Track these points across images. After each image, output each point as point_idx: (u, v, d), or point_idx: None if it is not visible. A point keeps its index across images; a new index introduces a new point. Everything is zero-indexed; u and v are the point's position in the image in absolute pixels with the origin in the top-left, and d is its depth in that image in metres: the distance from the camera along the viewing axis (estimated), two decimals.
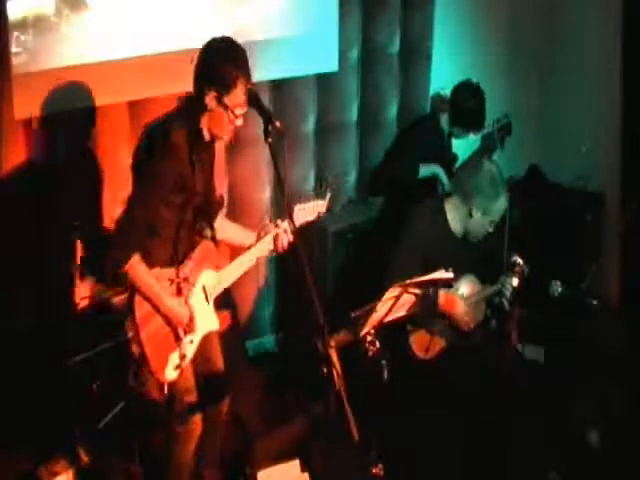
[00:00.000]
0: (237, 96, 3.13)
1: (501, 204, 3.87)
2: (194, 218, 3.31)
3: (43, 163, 3.93)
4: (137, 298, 3.18)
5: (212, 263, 3.37)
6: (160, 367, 3.23)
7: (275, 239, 3.40)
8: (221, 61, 3.12)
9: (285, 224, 3.39)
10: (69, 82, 3.85)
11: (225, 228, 3.52)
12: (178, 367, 3.27)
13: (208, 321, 3.37)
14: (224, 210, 3.68)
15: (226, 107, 3.13)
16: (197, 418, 3.44)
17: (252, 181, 4.76)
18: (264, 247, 3.43)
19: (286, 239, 3.39)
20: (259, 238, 3.44)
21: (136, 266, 3.11)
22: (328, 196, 3.60)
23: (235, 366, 4.04)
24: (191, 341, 3.30)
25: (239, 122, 3.20)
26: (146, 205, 3.12)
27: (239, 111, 3.17)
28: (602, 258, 5.23)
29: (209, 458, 3.71)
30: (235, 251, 3.59)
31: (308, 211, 3.51)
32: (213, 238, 3.38)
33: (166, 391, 3.27)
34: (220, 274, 3.38)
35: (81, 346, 3.82)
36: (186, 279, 3.26)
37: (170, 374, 3.25)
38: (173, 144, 3.12)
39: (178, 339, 3.26)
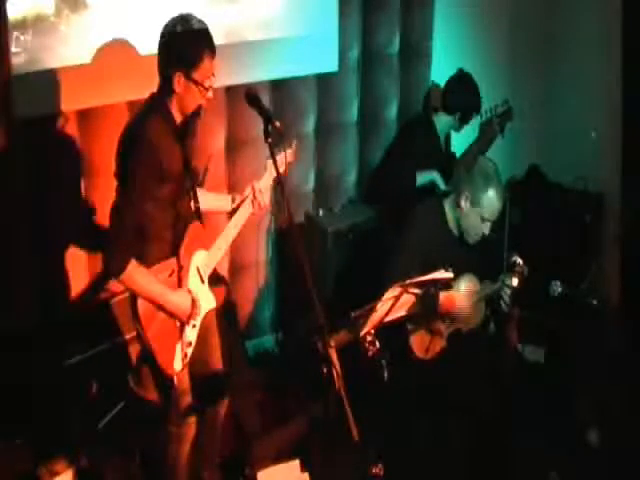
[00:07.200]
0: (206, 69, 3.12)
1: (491, 198, 3.84)
2: (189, 206, 3.32)
3: (43, 163, 3.93)
4: (139, 299, 3.18)
5: (202, 243, 3.37)
6: (169, 361, 3.24)
7: (253, 201, 3.47)
8: (181, 40, 3.09)
9: (260, 184, 3.47)
10: (69, 82, 3.85)
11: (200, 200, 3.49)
12: (186, 355, 3.29)
13: (206, 301, 3.39)
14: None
15: (196, 83, 3.11)
16: (191, 420, 3.46)
17: (252, 181, 4.75)
18: (245, 212, 3.48)
19: (265, 198, 3.48)
20: (234, 202, 3.50)
21: (134, 273, 3.09)
22: (294, 143, 3.65)
23: (235, 366, 4.05)
24: (194, 326, 3.32)
25: (210, 94, 3.18)
26: (131, 207, 3.09)
27: (209, 83, 3.15)
28: (602, 258, 5.23)
29: (208, 459, 3.72)
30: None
31: (279, 163, 3.51)
32: (199, 218, 3.37)
33: (176, 382, 3.29)
34: (210, 252, 3.39)
35: (81, 346, 3.83)
36: (181, 268, 3.27)
37: (178, 365, 3.28)
38: (147, 139, 3.07)
39: (182, 327, 3.27)
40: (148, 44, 4.02)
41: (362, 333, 3.49)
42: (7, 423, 3.65)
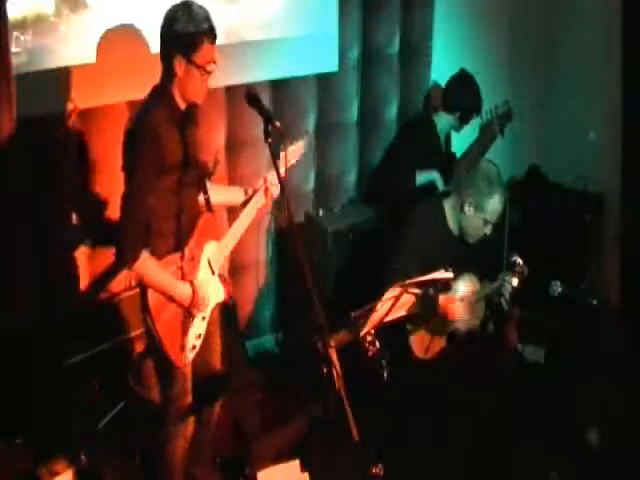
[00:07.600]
0: (206, 53, 3.14)
1: (495, 203, 3.85)
2: (195, 198, 3.32)
3: (43, 163, 3.93)
4: (150, 291, 3.19)
5: (213, 234, 3.37)
6: (178, 353, 3.25)
7: (265, 193, 3.48)
8: (181, 24, 3.11)
9: (273, 177, 3.44)
10: (69, 82, 3.85)
11: (212, 192, 3.50)
12: (194, 347, 3.30)
13: (215, 293, 3.39)
14: None
15: (197, 66, 3.13)
16: (190, 419, 3.46)
17: (252, 181, 4.73)
18: (256, 204, 3.48)
19: (276, 190, 3.47)
20: (247, 195, 3.50)
21: (145, 264, 3.13)
22: (306, 136, 3.66)
23: (235, 366, 4.05)
24: (203, 318, 3.33)
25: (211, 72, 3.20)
26: (138, 197, 3.11)
27: (210, 68, 3.17)
28: (602, 258, 5.23)
29: (203, 458, 3.72)
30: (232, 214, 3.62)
31: (291, 154, 3.51)
32: (210, 209, 3.38)
33: (187, 373, 3.30)
34: (221, 243, 3.40)
35: (81, 346, 3.83)
36: (192, 258, 3.27)
37: (188, 357, 3.29)
38: (150, 127, 3.09)
39: (191, 319, 3.28)
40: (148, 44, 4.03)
41: (362, 333, 3.49)
42: (7, 423, 3.65)
